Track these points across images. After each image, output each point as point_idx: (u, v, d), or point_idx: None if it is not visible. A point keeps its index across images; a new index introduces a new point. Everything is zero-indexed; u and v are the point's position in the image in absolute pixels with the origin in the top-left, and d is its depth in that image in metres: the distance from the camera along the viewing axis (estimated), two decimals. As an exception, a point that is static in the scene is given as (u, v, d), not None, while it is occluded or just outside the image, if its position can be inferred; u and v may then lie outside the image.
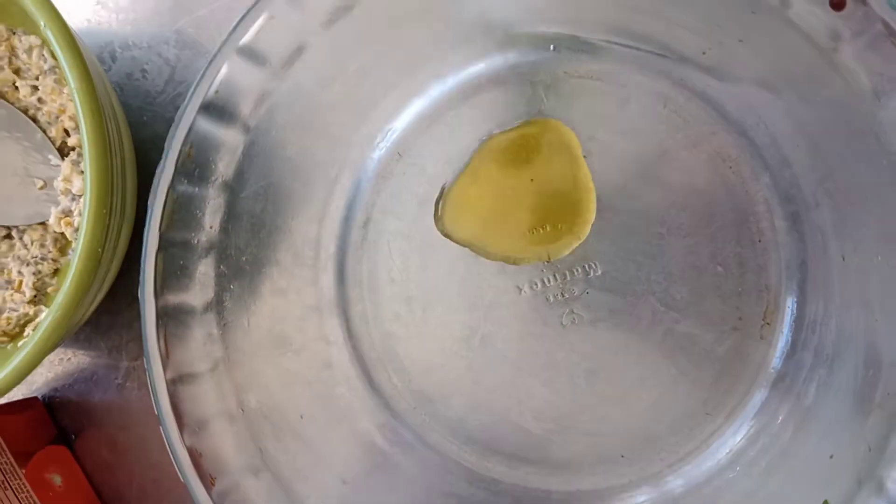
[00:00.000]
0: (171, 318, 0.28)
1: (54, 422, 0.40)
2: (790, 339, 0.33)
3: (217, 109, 0.28)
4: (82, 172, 0.34)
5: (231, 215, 0.30)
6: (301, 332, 0.34)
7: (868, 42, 0.26)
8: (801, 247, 0.33)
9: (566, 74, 0.34)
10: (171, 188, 0.27)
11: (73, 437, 0.40)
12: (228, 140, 0.29)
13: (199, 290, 0.29)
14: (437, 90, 0.35)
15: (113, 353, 0.39)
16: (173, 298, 0.28)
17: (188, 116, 0.27)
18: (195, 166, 0.28)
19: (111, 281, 0.35)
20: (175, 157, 0.27)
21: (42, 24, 0.29)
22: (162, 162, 0.27)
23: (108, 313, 0.39)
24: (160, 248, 0.27)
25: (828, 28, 0.27)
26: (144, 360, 0.27)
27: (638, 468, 0.34)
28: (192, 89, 0.28)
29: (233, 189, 0.30)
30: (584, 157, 0.34)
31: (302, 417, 0.32)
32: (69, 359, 0.40)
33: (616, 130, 0.34)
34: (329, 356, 0.35)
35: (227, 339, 0.30)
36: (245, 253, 0.31)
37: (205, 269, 0.29)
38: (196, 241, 0.29)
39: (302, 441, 0.31)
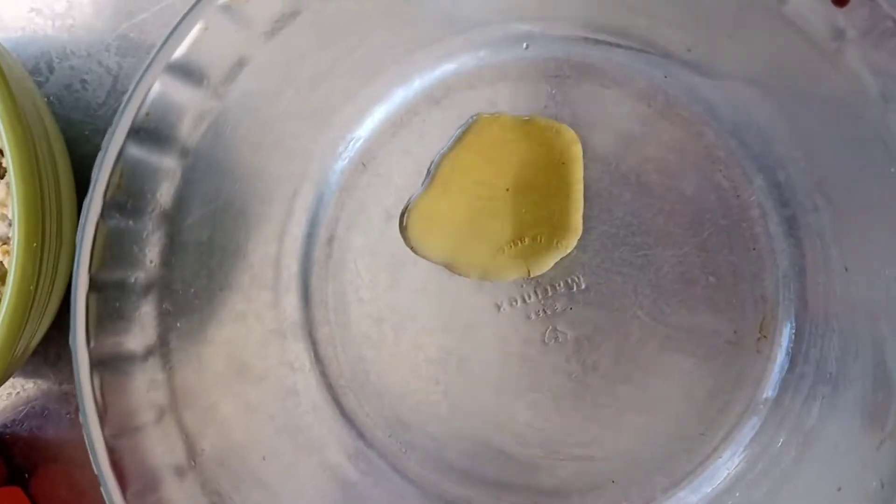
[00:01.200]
0: (107, 368, 0.25)
1: (5, 461, 0.37)
2: (790, 352, 0.31)
3: (149, 133, 0.25)
4: (18, 196, 0.32)
5: (174, 247, 0.27)
6: (262, 360, 0.32)
7: (875, 41, 0.24)
8: (798, 253, 0.31)
9: (541, 74, 0.32)
10: (101, 223, 0.25)
11: (27, 476, 0.37)
12: (164, 166, 0.26)
13: (139, 332, 0.26)
14: (401, 94, 0.33)
15: (64, 385, 0.36)
16: (109, 345, 0.25)
17: (115, 143, 0.24)
18: (127, 198, 0.25)
19: (54, 311, 0.33)
20: (103, 189, 0.24)
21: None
22: (89, 195, 0.25)
23: (55, 344, 0.36)
24: (91, 290, 0.25)
25: (829, 25, 0.24)
26: (80, 415, 0.24)
27: (630, 494, 0.32)
28: (118, 113, 0.25)
29: (173, 218, 0.27)
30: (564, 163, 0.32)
31: (264, 458, 0.29)
32: (17, 392, 0.37)
33: (596, 133, 0.32)
34: (294, 383, 0.33)
35: (173, 382, 0.27)
36: (193, 285, 0.28)
37: (145, 310, 0.27)
38: (133, 280, 0.26)
39: (264, 487, 0.29)
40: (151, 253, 0.27)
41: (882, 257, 0.27)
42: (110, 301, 0.25)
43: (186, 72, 0.26)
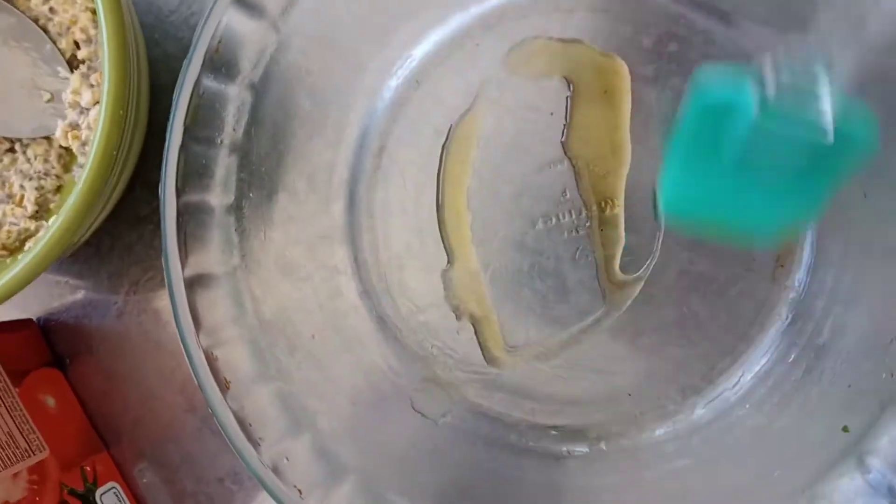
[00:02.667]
0: (191, 217, 0.27)
1: (48, 345, 0.39)
2: (805, 281, 0.32)
3: (249, 4, 0.27)
4: (92, 86, 0.34)
5: (255, 119, 0.29)
6: (311, 260, 0.34)
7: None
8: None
9: (587, 8, 0.34)
10: (198, 82, 0.27)
11: (68, 361, 0.39)
12: (258, 38, 0.28)
13: (220, 191, 0.28)
14: (458, 19, 0.34)
15: (113, 278, 0.38)
16: (194, 197, 0.27)
17: (220, 7, 0.26)
18: (223, 63, 0.27)
19: (116, 199, 0.35)
20: (203, 51, 0.26)
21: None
22: (190, 54, 0.26)
23: (110, 236, 0.38)
24: (183, 144, 0.27)
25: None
26: (162, 258, 0.26)
27: (644, 406, 0.33)
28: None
29: (258, 92, 0.29)
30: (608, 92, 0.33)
31: (314, 337, 0.31)
32: (67, 282, 0.39)
33: (634, 65, 0.33)
34: (339, 285, 0.34)
35: (244, 246, 0.29)
36: (265, 163, 0.30)
37: (226, 171, 0.28)
38: (219, 141, 0.28)
39: (314, 359, 0.31)
40: (236, 120, 0.28)
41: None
42: (198, 157, 0.27)
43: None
